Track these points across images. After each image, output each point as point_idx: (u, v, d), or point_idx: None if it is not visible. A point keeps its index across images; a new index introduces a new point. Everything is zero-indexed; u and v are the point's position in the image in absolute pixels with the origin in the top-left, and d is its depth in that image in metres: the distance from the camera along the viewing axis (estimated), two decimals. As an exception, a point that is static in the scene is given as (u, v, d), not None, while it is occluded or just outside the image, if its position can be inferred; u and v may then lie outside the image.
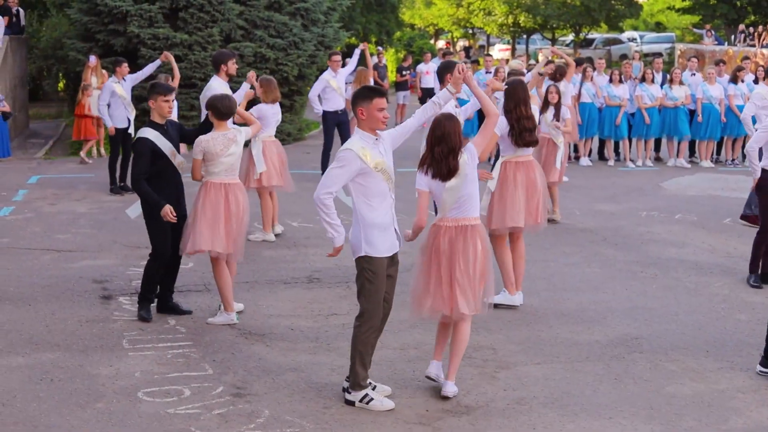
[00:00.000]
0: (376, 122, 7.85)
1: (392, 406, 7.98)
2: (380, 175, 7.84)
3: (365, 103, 7.81)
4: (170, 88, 10.29)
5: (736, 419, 7.95)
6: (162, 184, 10.01)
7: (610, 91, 22.05)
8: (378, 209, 7.88)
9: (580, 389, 8.52)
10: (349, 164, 7.77)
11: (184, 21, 24.16)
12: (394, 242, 7.99)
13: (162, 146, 10.01)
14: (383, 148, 7.94)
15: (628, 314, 10.71)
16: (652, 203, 17.55)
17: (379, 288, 7.93)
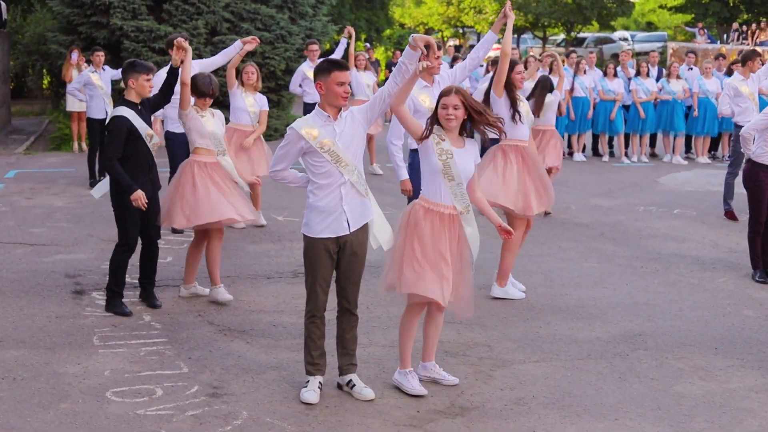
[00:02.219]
0: (335, 97, 7.35)
1: (313, 401, 7.47)
2: (326, 156, 7.35)
3: (323, 77, 7.34)
4: (151, 67, 9.78)
5: (751, 420, 7.39)
6: (136, 167, 9.48)
7: (604, 86, 21.53)
8: (322, 191, 7.45)
9: (582, 389, 7.94)
10: (292, 143, 7.45)
11: (169, 13, 23.57)
12: (340, 225, 7.46)
13: (138, 126, 9.45)
14: (341, 128, 7.43)
15: (630, 310, 10.16)
16: (649, 198, 17.02)
17: (316, 270, 7.51)
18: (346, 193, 7.45)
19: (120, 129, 9.38)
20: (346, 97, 7.37)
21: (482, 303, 10.22)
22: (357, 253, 7.56)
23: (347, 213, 7.46)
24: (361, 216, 7.56)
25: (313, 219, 7.48)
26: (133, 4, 23.24)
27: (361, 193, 7.54)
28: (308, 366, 7.69)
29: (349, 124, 7.48)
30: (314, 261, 7.51)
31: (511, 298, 10.45)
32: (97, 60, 17.50)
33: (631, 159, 21.85)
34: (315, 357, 7.67)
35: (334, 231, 7.46)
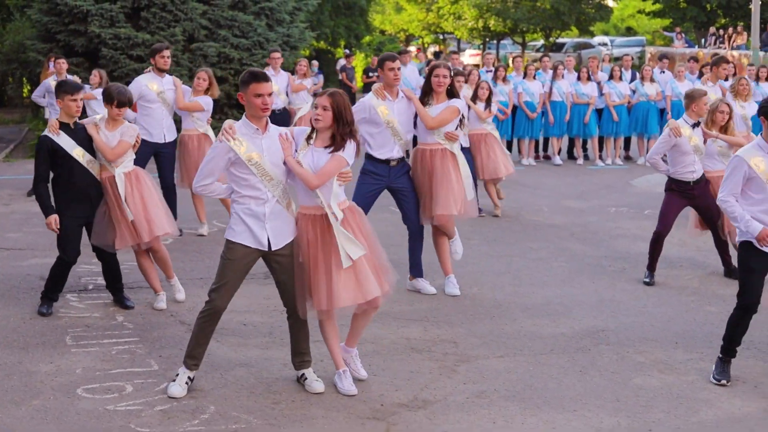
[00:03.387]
0: (254, 109, 7.49)
1: (179, 395, 7.63)
2: (253, 168, 7.50)
3: (243, 88, 7.51)
4: (78, 87, 9.88)
5: (707, 411, 7.59)
6: (69, 188, 9.70)
7: (578, 89, 21.74)
8: (246, 202, 7.60)
9: (543, 382, 8.13)
10: (218, 156, 7.55)
11: (146, 21, 23.69)
12: (260, 242, 7.61)
13: (64, 145, 9.60)
14: (269, 144, 7.59)
15: (595, 307, 10.36)
16: (621, 200, 17.24)
17: (227, 273, 7.64)
18: (270, 211, 7.60)
19: (41, 149, 9.63)
20: (265, 108, 7.49)
21: (449, 301, 10.46)
22: (286, 255, 7.72)
23: (269, 231, 7.61)
24: (283, 235, 7.69)
25: (237, 226, 7.64)
26: (111, 12, 23.35)
27: (286, 210, 7.69)
28: (187, 359, 7.82)
29: (275, 142, 7.63)
30: (228, 262, 7.65)
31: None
32: (59, 68, 17.44)
33: (606, 162, 22.06)
34: (196, 355, 7.82)
35: (253, 243, 7.61)
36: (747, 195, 8.26)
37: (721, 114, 11.46)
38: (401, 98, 10.26)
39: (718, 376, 8.24)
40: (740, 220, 8.15)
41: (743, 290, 8.28)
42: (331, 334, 7.95)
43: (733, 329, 8.35)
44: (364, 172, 10.44)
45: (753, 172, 8.16)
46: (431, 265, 11.26)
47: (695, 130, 11.35)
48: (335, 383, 7.90)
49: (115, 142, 9.76)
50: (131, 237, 9.88)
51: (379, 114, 10.14)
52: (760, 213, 8.17)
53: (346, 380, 7.88)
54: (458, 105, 10.52)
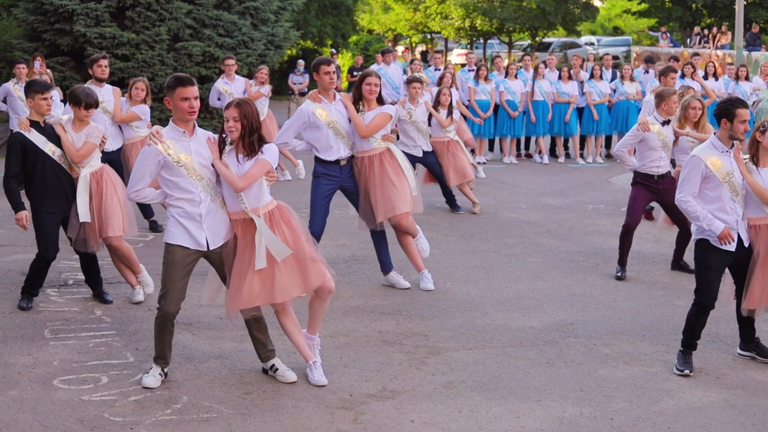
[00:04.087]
0: (181, 112, 7.72)
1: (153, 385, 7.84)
2: (183, 170, 7.69)
3: (169, 93, 7.72)
4: (47, 86, 10.01)
5: (668, 400, 7.79)
6: (43, 184, 9.85)
7: (559, 88, 21.94)
8: (181, 204, 7.78)
9: (510, 373, 8.33)
10: (147, 159, 7.73)
11: (131, 20, 23.86)
12: (198, 242, 7.80)
13: (36, 142, 9.77)
14: (197, 147, 7.79)
15: (566, 301, 10.55)
16: (599, 197, 17.44)
17: (171, 276, 7.80)
18: (206, 211, 7.80)
19: (12, 146, 9.76)
20: (191, 112, 7.70)
21: (423, 296, 10.66)
22: (223, 261, 7.95)
23: (206, 231, 7.81)
24: (220, 234, 7.89)
25: (174, 229, 7.82)
26: (96, 12, 23.50)
27: (221, 208, 7.89)
28: (156, 359, 8.05)
29: (203, 145, 7.83)
30: (171, 265, 7.81)
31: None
32: (18, 72, 17.47)
33: (587, 160, 22.26)
34: (163, 353, 8.02)
35: (191, 244, 7.80)
36: (703, 194, 8.51)
37: (693, 110, 11.68)
38: (338, 101, 10.48)
39: (681, 367, 8.45)
40: (702, 219, 8.37)
41: (701, 288, 8.51)
42: (292, 327, 8.12)
43: (692, 324, 8.58)
44: (316, 175, 10.64)
45: (709, 171, 8.41)
46: (406, 261, 11.45)
47: (665, 127, 11.57)
48: (306, 375, 8.08)
49: (81, 144, 9.92)
50: (92, 237, 10.08)
51: (318, 117, 10.38)
52: (716, 211, 8.42)
53: (316, 371, 8.06)
54: (390, 111, 10.78)
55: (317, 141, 10.54)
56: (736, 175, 8.49)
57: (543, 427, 7.22)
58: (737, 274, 8.67)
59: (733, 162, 8.52)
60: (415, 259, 11.05)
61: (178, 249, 7.78)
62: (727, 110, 8.49)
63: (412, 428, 7.19)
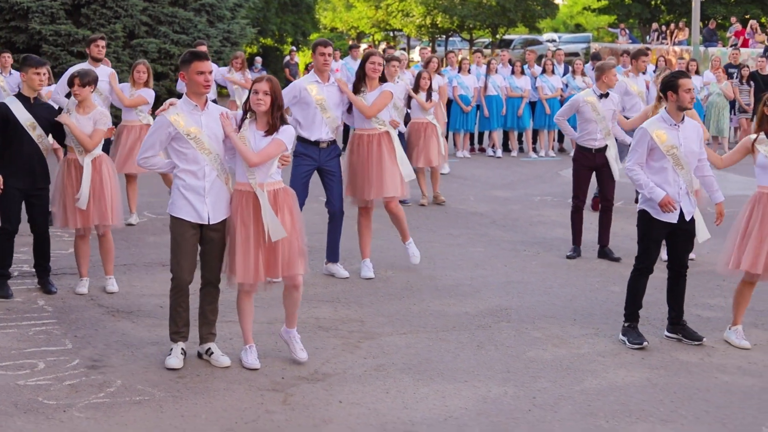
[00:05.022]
0: (196, 86, 7.94)
1: (177, 366, 8.06)
2: (192, 143, 7.91)
3: (185, 67, 7.96)
4: (42, 62, 10.20)
5: (591, 380, 8.00)
6: (13, 157, 9.94)
7: (511, 83, 22.19)
8: (187, 177, 7.99)
9: (440, 356, 8.52)
10: (159, 129, 7.97)
11: (87, 17, 23.93)
12: (200, 216, 8.02)
13: (18, 115, 9.91)
14: (207, 120, 8.00)
15: (503, 288, 10.77)
16: (548, 189, 17.68)
17: (179, 246, 8.06)
18: (210, 186, 8.02)
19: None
20: (207, 85, 7.93)
21: (363, 284, 10.86)
22: (219, 230, 8.14)
23: (209, 205, 8.03)
24: (222, 209, 8.11)
25: (178, 201, 8.04)
26: (52, 9, 23.57)
27: (225, 185, 8.11)
28: (173, 335, 8.28)
29: (214, 119, 8.06)
30: (178, 237, 8.08)
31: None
32: (2, 62, 17.63)
33: (539, 154, 22.52)
34: (179, 326, 8.26)
35: (194, 217, 8.03)
36: (649, 164, 8.91)
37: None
38: (332, 83, 10.66)
39: (636, 341, 8.84)
40: (645, 187, 8.75)
41: (641, 256, 8.98)
42: (247, 310, 8.30)
43: (633, 291, 9.00)
44: (296, 154, 10.79)
45: (654, 143, 8.77)
46: (350, 251, 11.64)
47: (602, 100, 11.94)
48: (241, 358, 8.24)
49: (89, 127, 10.09)
50: (82, 220, 10.17)
51: (309, 93, 10.55)
52: (660, 181, 8.79)
53: (251, 355, 8.23)
54: (390, 89, 11.06)
55: (304, 117, 10.71)
56: (681, 149, 8.81)
57: (467, 406, 7.41)
58: (673, 242, 9.01)
59: (680, 136, 8.84)
60: (365, 246, 11.34)
61: (183, 221, 8.02)
62: (670, 82, 8.87)
63: (339, 408, 7.36)
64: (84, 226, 10.23)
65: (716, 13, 48.64)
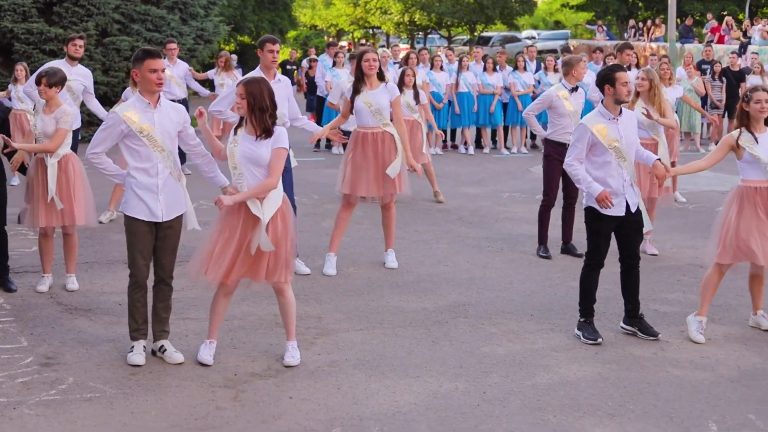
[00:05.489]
0: (149, 84, 7.94)
1: (140, 362, 8.09)
2: (145, 140, 7.94)
3: (138, 65, 7.96)
4: None
5: (543, 375, 8.04)
6: None
7: (484, 80, 22.24)
8: (140, 175, 8.02)
9: (394, 352, 8.55)
10: (112, 126, 7.98)
11: (59, 15, 23.89)
12: (154, 213, 8.05)
13: None
14: (160, 118, 8.02)
15: (463, 284, 10.80)
16: (517, 186, 17.74)
17: (135, 246, 8.10)
18: (163, 183, 8.05)
19: None
20: (159, 83, 7.93)
21: (324, 280, 10.90)
22: (173, 227, 8.17)
23: (162, 203, 8.06)
24: (174, 207, 8.17)
25: (131, 200, 8.05)
26: (24, 7, 23.51)
27: (177, 182, 8.16)
28: (133, 332, 8.29)
29: (166, 116, 8.08)
30: (133, 236, 8.10)
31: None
32: None
33: (511, 150, 22.57)
34: (139, 323, 8.27)
35: (147, 215, 8.06)
36: (591, 159, 8.97)
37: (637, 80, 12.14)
38: (278, 80, 10.67)
39: (591, 337, 8.89)
40: (583, 182, 8.80)
41: (592, 252, 9.03)
42: (219, 309, 8.26)
43: (586, 287, 9.06)
44: None
45: (596, 138, 8.82)
46: (315, 248, 11.68)
47: (573, 94, 11.96)
48: (198, 350, 8.28)
49: (53, 126, 10.07)
50: (46, 219, 10.15)
51: None
52: (604, 175, 8.86)
53: (207, 350, 8.25)
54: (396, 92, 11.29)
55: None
56: (623, 141, 8.88)
57: (416, 401, 7.44)
58: (622, 235, 9.07)
59: (620, 129, 8.91)
60: (335, 238, 11.38)
61: (136, 221, 8.04)
62: (608, 76, 8.92)
63: (289, 404, 7.38)
64: (48, 226, 10.19)
65: (693, 9, 48.87)
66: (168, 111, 8.11)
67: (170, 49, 18.72)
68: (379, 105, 11.00)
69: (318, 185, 17.31)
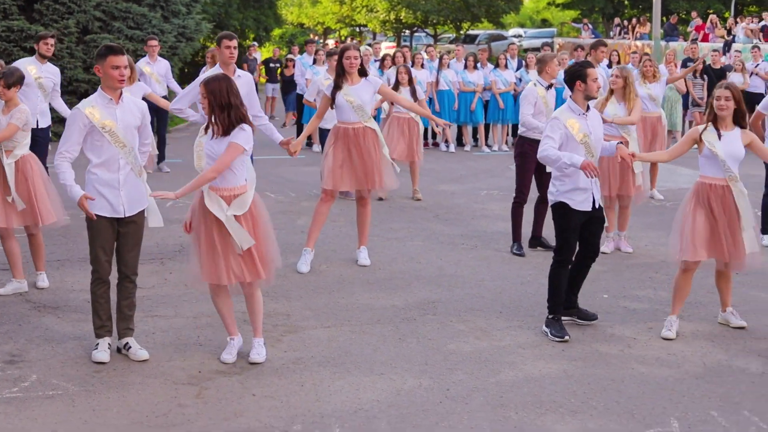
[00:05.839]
0: (111, 80, 7.94)
1: (105, 360, 8.08)
2: (108, 136, 7.92)
3: (100, 61, 7.93)
4: None
5: (508, 372, 8.04)
6: None
7: (464, 77, 22.24)
8: (101, 170, 8.00)
9: (360, 349, 8.55)
10: (75, 122, 7.95)
11: (40, 13, 23.77)
12: (116, 209, 8.04)
13: None
14: (122, 113, 8.01)
15: (434, 281, 10.80)
16: (495, 183, 17.73)
17: (97, 242, 8.09)
18: (124, 179, 8.04)
19: None
20: (121, 80, 7.91)
21: (295, 278, 10.89)
22: (136, 222, 8.17)
23: (123, 198, 8.05)
24: (137, 202, 8.17)
25: (92, 195, 8.00)
26: (4, 5, 23.39)
27: (138, 177, 8.14)
28: (97, 330, 8.26)
29: (129, 112, 8.08)
30: (95, 232, 8.09)
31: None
32: None
33: (492, 148, 22.58)
34: (104, 320, 8.25)
35: (109, 212, 8.04)
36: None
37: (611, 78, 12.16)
38: (237, 76, 10.66)
39: (558, 334, 8.92)
40: (563, 158, 8.74)
41: (562, 248, 9.04)
42: (222, 308, 8.30)
43: (555, 284, 9.08)
44: None
45: (569, 132, 8.89)
46: (288, 245, 11.67)
47: (548, 91, 11.98)
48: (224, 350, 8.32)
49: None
50: (6, 220, 10.08)
51: None
52: (575, 171, 8.84)
53: (227, 349, 8.30)
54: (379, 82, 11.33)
55: None
56: (592, 137, 8.94)
57: (379, 399, 7.44)
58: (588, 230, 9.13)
59: (589, 124, 8.96)
60: (313, 233, 11.39)
61: (98, 217, 8.00)
62: (578, 72, 8.97)
63: (252, 401, 7.38)
64: (8, 227, 10.11)
65: (679, 8, 48.90)
66: (130, 107, 8.10)
67: (151, 47, 18.70)
68: (360, 101, 10.97)
69: (296, 183, 17.30)
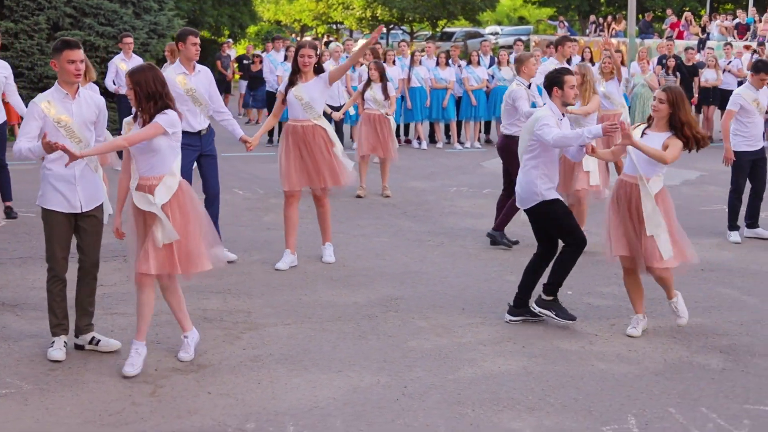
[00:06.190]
0: (67, 74, 7.86)
1: (61, 358, 8.02)
2: (62, 131, 7.85)
3: (56, 56, 7.86)
4: None
5: (467, 369, 7.99)
6: None
7: (436, 74, 22.20)
8: (56, 165, 7.92)
9: (319, 346, 8.48)
10: (32, 115, 7.87)
11: (10, 9, 23.62)
12: (73, 205, 7.97)
13: None
14: (79, 108, 7.95)
15: (398, 278, 10.74)
16: (466, 180, 17.69)
17: (54, 238, 8.02)
18: (80, 174, 7.96)
19: None
20: (77, 74, 7.83)
21: (258, 274, 10.84)
22: (95, 215, 8.11)
23: (80, 193, 7.98)
24: (93, 197, 8.08)
25: (48, 192, 7.96)
26: (-27, 1, 23.30)
27: (95, 173, 8.08)
28: (54, 328, 8.19)
29: (85, 107, 8.00)
30: (51, 228, 8.01)
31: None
32: None
33: (465, 145, 22.55)
34: (60, 318, 8.17)
35: (66, 207, 7.97)
36: (544, 156, 9.02)
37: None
38: (198, 72, 10.66)
39: (569, 315, 9.11)
40: (583, 132, 8.65)
41: (573, 231, 9.06)
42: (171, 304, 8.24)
43: (570, 266, 9.11)
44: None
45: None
46: (252, 241, 11.59)
47: (530, 90, 12.04)
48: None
49: None
50: None
51: (178, 84, 10.54)
52: (552, 172, 9.02)
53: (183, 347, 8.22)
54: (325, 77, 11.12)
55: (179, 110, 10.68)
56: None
57: (335, 396, 7.38)
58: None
59: (563, 129, 8.92)
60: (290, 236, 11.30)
61: (55, 213, 7.95)
62: (556, 79, 8.97)
63: (207, 399, 7.31)
64: None
65: (655, 5, 48.99)
66: (87, 102, 8.02)
67: (126, 44, 18.67)
68: (310, 98, 10.89)
69: (264, 180, 17.22)
